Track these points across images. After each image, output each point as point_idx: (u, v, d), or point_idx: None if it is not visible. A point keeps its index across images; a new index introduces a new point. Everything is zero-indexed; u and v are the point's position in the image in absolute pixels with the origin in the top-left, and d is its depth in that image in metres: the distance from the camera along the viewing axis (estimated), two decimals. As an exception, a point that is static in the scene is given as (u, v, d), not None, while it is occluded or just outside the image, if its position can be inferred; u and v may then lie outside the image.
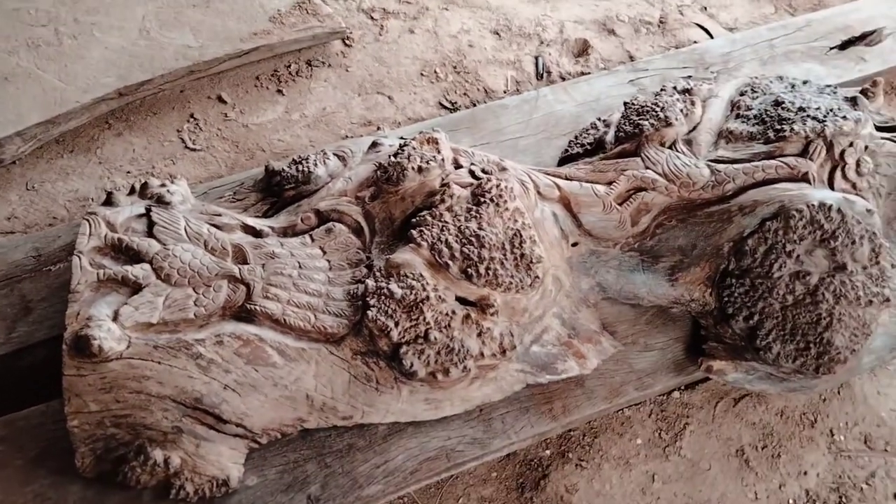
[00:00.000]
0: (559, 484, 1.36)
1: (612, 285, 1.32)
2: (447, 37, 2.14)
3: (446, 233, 1.14)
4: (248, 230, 1.23)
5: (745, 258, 1.22)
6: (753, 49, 1.84)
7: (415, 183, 1.23)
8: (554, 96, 1.73)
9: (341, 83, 2.00)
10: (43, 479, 1.11)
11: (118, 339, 1.03)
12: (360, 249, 1.22)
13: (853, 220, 1.19)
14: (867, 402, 1.47)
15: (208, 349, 1.07)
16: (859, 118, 1.31)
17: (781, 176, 1.28)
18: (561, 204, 1.32)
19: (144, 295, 1.08)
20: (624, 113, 1.43)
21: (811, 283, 1.18)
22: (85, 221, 1.15)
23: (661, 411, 1.45)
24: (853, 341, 1.17)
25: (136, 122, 1.87)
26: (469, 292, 1.14)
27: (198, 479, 1.06)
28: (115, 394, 1.02)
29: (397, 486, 1.16)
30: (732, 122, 1.40)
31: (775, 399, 1.47)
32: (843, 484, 1.37)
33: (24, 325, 1.26)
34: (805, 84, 1.46)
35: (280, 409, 1.11)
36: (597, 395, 1.26)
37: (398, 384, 1.15)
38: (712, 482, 1.38)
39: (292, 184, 1.30)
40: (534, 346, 1.22)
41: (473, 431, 1.21)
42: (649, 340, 1.33)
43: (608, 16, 2.24)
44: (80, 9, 1.95)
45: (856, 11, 1.95)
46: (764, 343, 1.18)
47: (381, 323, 1.09)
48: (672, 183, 1.31)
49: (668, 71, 1.79)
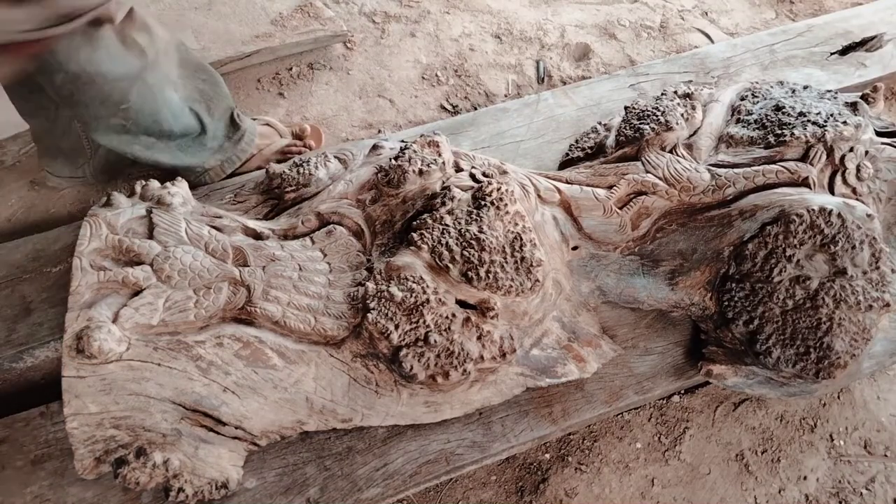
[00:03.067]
0: (558, 487, 1.36)
1: (612, 289, 1.33)
2: (448, 40, 2.14)
3: (447, 236, 1.14)
4: (249, 232, 1.23)
5: (745, 262, 1.22)
6: (754, 54, 1.85)
7: (416, 186, 1.23)
8: (555, 100, 1.73)
9: (342, 86, 2.00)
10: (42, 481, 1.12)
11: (118, 340, 1.03)
12: (360, 252, 1.22)
13: (853, 224, 1.19)
14: (867, 406, 1.47)
15: (208, 351, 1.07)
16: (860, 123, 1.31)
17: (782, 181, 1.28)
18: (561, 207, 1.32)
19: (145, 297, 1.08)
20: (625, 117, 1.43)
21: (811, 287, 1.18)
22: (85, 223, 1.15)
23: (660, 415, 1.45)
24: (853, 346, 1.17)
25: (138, 124, 1.87)
26: (469, 295, 1.14)
27: (197, 481, 1.05)
28: (115, 395, 1.02)
29: (396, 489, 1.15)
30: (733, 126, 1.40)
31: (775, 403, 1.47)
32: (842, 489, 1.37)
33: (25, 326, 1.26)
34: (805, 89, 1.47)
35: (279, 412, 1.11)
36: (596, 399, 1.26)
37: (398, 387, 1.15)
38: (712, 486, 1.37)
39: (293, 186, 1.30)
40: (534, 350, 1.22)
41: (473, 435, 1.21)
42: (649, 344, 1.33)
43: (609, 20, 2.25)
44: (82, 11, 1.96)
45: (856, 17, 1.95)
46: (764, 347, 1.18)
47: (382, 326, 1.09)
48: (672, 187, 1.31)
49: (669, 75, 1.79)
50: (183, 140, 1.52)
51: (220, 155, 1.58)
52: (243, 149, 1.62)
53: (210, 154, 1.57)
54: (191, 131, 1.52)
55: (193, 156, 1.55)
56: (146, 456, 1.02)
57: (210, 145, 1.56)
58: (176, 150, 1.52)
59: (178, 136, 1.50)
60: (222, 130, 1.58)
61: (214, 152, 1.57)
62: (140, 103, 1.39)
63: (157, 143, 1.49)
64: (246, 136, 1.62)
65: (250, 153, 1.63)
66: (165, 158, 1.52)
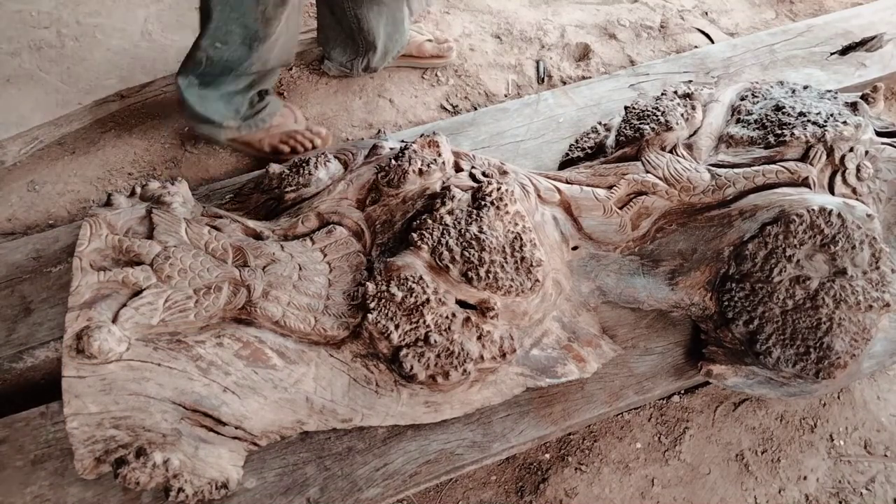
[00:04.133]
0: (558, 488, 1.36)
1: (612, 289, 1.32)
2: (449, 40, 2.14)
3: (447, 236, 1.14)
4: (249, 232, 1.23)
5: (745, 262, 1.22)
6: (754, 54, 1.85)
7: (416, 186, 1.23)
8: (555, 100, 1.73)
9: (342, 86, 2.00)
10: (42, 481, 1.11)
11: (118, 340, 1.02)
12: (360, 252, 1.22)
13: (853, 224, 1.19)
14: (867, 406, 1.47)
15: (208, 351, 1.07)
16: (860, 123, 1.31)
17: (782, 181, 1.28)
18: (561, 207, 1.32)
19: (145, 297, 1.08)
20: (625, 117, 1.43)
21: (811, 287, 1.18)
22: (86, 223, 1.15)
23: (660, 415, 1.45)
24: (853, 346, 1.17)
25: (138, 125, 1.87)
26: (469, 295, 1.14)
27: (197, 481, 1.05)
28: (115, 395, 1.02)
29: (396, 489, 1.15)
30: (733, 126, 1.40)
31: (775, 403, 1.47)
32: (842, 489, 1.37)
33: (25, 326, 1.26)
34: (805, 89, 1.47)
35: (280, 412, 1.11)
36: (596, 399, 1.26)
37: (398, 387, 1.15)
38: (712, 486, 1.37)
39: (293, 186, 1.30)
40: (534, 350, 1.22)
41: (473, 434, 1.21)
42: (649, 344, 1.33)
43: (609, 20, 2.25)
44: (82, 11, 1.96)
45: (856, 17, 1.95)
46: (764, 347, 1.18)
47: (382, 326, 1.09)
48: (672, 187, 1.31)
49: (669, 75, 1.79)
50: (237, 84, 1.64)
51: (243, 115, 1.69)
52: (261, 118, 1.73)
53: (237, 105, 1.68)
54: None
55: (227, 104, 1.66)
56: (146, 456, 1.02)
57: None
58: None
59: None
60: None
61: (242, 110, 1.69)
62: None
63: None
64: (268, 107, 1.73)
65: (268, 126, 1.74)
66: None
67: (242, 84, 1.63)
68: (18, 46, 1.84)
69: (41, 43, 1.86)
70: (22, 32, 1.87)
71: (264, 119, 1.72)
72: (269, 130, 1.74)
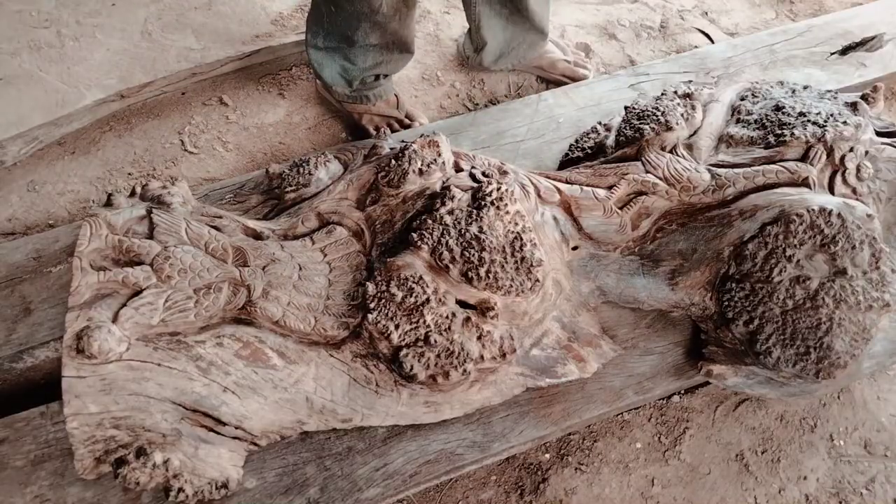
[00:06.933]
0: (558, 488, 1.36)
1: (612, 289, 1.33)
2: (449, 40, 2.14)
3: (447, 236, 1.14)
4: (249, 232, 1.23)
5: (745, 262, 1.22)
6: (754, 54, 1.85)
7: (416, 186, 1.23)
8: (555, 100, 1.73)
9: (342, 86, 2.00)
10: (42, 481, 1.11)
11: (118, 340, 1.03)
12: (360, 252, 1.22)
13: (853, 224, 1.19)
14: (867, 406, 1.47)
15: (208, 351, 1.07)
16: (860, 123, 1.31)
17: (782, 181, 1.28)
18: (561, 208, 1.32)
19: (145, 297, 1.08)
20: (625, 117, 1.43)
21: (811, 287, 1.18)
22: (86, 223, 1.15)
23: (660, 415, 1.45)
24: (853, 346, 1.17)
25: (138, 124, 1.87)
26: (469, 295, 1.14)
27: (197, 481, 1.05)
28: (115, 395, 1.02)
29: (396, 489, 1.15)
30: (733, 126, 1.40)
31: (775, 403, 1.47)
32: (842, 489, 1.37)
33: (25, 326, 1.26)
34: (805, 89, 1.47)
35: (280, 412, 1.11)
36: (596, 399, 1.26)
37: (398, 387, 1.15)
38: (712, 486, 1.37)
39: (293, 186, 1.30)
40: (534, 350, 1.22)
41: (473, 435, 1.21)
42: (649, 344, 1.33)
43: (609, 20, 2.25)
44: (82, 11, 1.95)
45: (856, 17, 1.95)
46: (764, 347, 1.18)
47: (382, 325, 1.09)
48: (673, 187, 1.31)
49: (669, 75, 1.79)
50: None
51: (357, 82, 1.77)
52: (367, 96, 1.81)
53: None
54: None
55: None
56: (146, 456, 1.02)
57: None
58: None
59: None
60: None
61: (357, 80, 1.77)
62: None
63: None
64: (378, 89, 1.81)
65: (370, 105, 1.83)
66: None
67: (360, 62, 1.70)
68: (18, 46, 1.84)
69: (41, 43, 1.86)
70: (21, 32, 1.87)
71: (369, 97, 1.81)
72: (370, 109, 1.83)
